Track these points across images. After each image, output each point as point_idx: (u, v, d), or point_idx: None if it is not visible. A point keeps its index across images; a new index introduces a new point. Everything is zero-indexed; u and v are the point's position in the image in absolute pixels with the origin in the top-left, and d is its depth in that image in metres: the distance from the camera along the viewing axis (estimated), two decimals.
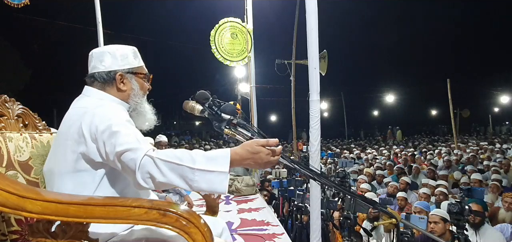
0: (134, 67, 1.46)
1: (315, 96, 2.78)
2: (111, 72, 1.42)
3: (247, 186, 4.79)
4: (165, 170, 1.15)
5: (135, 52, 1.50)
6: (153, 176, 1.16)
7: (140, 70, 1.49)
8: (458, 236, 2.85)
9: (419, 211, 4.30)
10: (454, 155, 10.50)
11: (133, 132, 1.27)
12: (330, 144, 18.29)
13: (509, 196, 4.48)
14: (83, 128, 1.26)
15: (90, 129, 1.25)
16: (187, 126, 31.85)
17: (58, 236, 1.14)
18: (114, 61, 1.43)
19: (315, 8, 2.74)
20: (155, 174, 1.15)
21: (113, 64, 1.43)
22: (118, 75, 1.42)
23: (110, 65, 1.43)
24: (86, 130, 1.25)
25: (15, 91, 12.83)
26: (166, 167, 1.15)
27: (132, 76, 1.45)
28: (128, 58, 1.46)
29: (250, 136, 1.36)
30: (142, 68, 1.50)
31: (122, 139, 1.20)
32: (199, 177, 1.16)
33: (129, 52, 1.47)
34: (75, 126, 1.28)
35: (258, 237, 3.02)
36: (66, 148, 1.29)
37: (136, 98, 1.46)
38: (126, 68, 1.44)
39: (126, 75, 1.44)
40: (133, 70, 1.46)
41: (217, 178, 1.17)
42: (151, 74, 1.56)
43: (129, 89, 1.45)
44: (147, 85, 1.52)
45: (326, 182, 1.51)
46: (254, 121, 6.24)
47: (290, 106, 9.40)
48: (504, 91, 22.46)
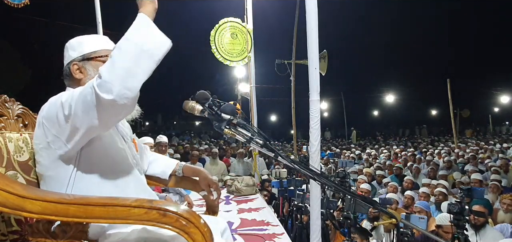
0: (88, 53, 1.39)
1: (315, 96, 2.78)
2: (68, 65, 1.40)
3: (247, 186, 4.79)
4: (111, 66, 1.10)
5: (94, 37, 1.44)
6: (106, 77, 1.08)
7: (97, 54, 1.40)
8: (458, 236, 2.85)
9: (419, 211, 4.31)
10: (454, 154, 10.51)
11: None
12: (330, 144, 18.29)
13: (507, 198, 4.49)
14: (41, 120, 1.26)
15: (44, 116, 1.25)
16: (187, 126, 31.84)
17: (58, 236, 1.14)
18: (71, 52, 1.41)
19: (315, 8, 2.74)
20: (105, 75, 1.08)
21: (71, 55, 1.41)
22: (73, 64, 1.39)
23: (68, 57, 1.41)
24: (41, 118, 1.26)
25: (15, 91, 12.82)
26: (111, 64, 1.10)
27: (86, 62, 1.39)
28: (83, 46, 1.40)
29: (250, 136, 1.36)
30: (100, 52, 1.40)
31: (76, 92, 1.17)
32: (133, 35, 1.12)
33: (85, 39, 1.42)
34: (36, 130, 1.30)
35: (258, 237, 3.02)
36: (36, 153, 1.31)
37: None
38: (80, 56, 1.39)
39: (80, 63, 1.39)
40: (86, 56, 1.39)
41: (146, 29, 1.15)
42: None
43: (85, 76, 1.39)
44: None
45: (326, 182, 1.51)
46: (254, 121, 6.24)
47: (290, 106, 9.40)
48: (504, 91, 22.45)
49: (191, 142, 16.52)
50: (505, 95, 22.42)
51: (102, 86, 1.08)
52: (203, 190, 1.76)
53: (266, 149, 1.37)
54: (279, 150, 1.39)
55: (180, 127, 32.34)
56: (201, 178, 1.75)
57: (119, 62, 1.10)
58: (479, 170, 7.36)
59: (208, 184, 1.73)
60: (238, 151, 9.04)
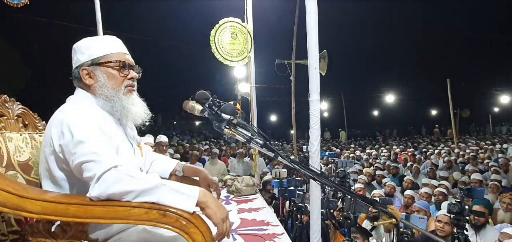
0: (97, 58, 1.36)
1: (315, 96, 2.78)
2: (77, 68, 1.38)
3: (247, 186, 4.78)
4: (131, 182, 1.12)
5: (102, 41, 1.42)
6: (113, 188, 1.11)
7: (106, 59, 1.37)
8: (458, 236, 2.85)
9: (418, 211, 4.31)
10: (454, 154, 10.50)
11: (99, 140, 1.20)
12: (330, 144, 18.29)
13: (507, 197, 4.49)
14: (52, 135, 1.24)
15: (58, 136, 1.23)
16: (187, 126, 31.82)
17: (58, 236, 1.14)
18: (80, 55, 1.38)
19: (315, 8, 2.74)
20: (115, 186, 1.11)
21: (79, 59, 1.38)
22: (82, 69, 1.36)
23: (77, 60, 1.39)
24: (55, 137, 1.24)
25: (15, 91, 12.81)
26: (131, 180, 1.12)
27: (96, 67, 1.36)
28: (90, 49, 1.37)
29: (250, 136, 1.36)
30: (109, 56, 1.37)
31: (84, 149, 1.16)
32: (165, 191, 1.13)
33: (92, 43, 1.40)
34: (48, 131, 1.28)
35: (258, 237, 3.01)
36: (44, 152, 1.29)
37: (104, 90, 1.35)
38: (89, 60, 1.37)
39: (89, 69, 1.36)
40: (96, 61, 1.36)
41: (183, 197, 1.13)
42: (137, 65, 1.45)
43: (95, 81, 1.36)
44: (122, 74, 1.39)
45: (326, 182, 1.51)
46: (254, 121, 6.24)
47: (290, 106, 9.39)
48: (504, 91, 22.44)
49: (191, 142, 16.51)
50: (505, 95, 22.39)
51: (98, 190, 1.11)
52: None
53: (266, 149, 1.37)
54: (279, 150, 1.39)
55: (180, 127, 32.32)
56: (201, 178, 1.75)
57: (131, 188, 1.11)
58: (479, 170, 7.36)
59: (208, 184, 1.73)
60: (238, 151, 9.04)
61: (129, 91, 1.41)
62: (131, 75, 1.42)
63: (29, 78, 16.95)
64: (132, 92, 1.43)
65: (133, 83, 1.43)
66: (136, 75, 1.45)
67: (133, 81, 1.43)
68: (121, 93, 1.38)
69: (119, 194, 1.11)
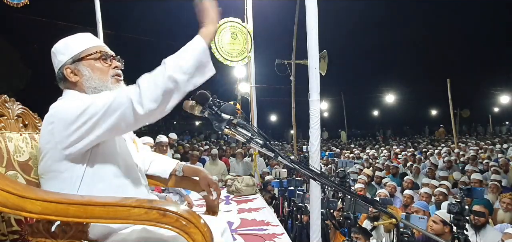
0: (78, 53, 1.37)
1: (315, 96, 2.78)
2: (61, 69, 1.38)
3: (247, 186, 4.79)
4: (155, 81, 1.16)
5: (79, 37, 1.43)
6: (147, 93, 1.15)
7: (87, 53, 1.38)
8: (458, 236, 2.85)
9: (417, 211, 4.31)
10: (454, 154, 10.50)
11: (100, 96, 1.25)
12: (330, 144, 18.29)
13: (506, 197, 4.49)
14: (44, 133, 1.25)
15: (50, 130, 1.23)
16: (187, 126, 31.81)
17: (58, 236, 1.14)
18: (60, 56, 1.39)
19: (315, 8, 2.74)
20: (148, 92, 1.15)
21: (61, 60, 1.39)
22: (65, 69, 1.37)
23: (58, 62, 1.39)
24: (46, 133, 1.24)
25: (15, 91, 12.83)
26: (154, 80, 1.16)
27: (78, 63, 1.37)
28: (70, 48, 1.39)
29: (250, 136, 1.36)
30: (88, 50, 1.39)
31: (92, 109, 1.18)
32: (174, 57, 1.19)
33: (70, 41, 1.41)
34: (43, 129, 1.28)
35: (258, 237, 3.02)
36: (42, 152, 1.29)
37: (91, 82, 1.36)
38: (70, 59, 1.37)
39: (72, 66, 1.37)
40: (76, 57, 1.37)
41: (191, 44, 1.21)
42: (118, 56, 1.46)
43: (80, 77, 1.37)
44: (106, 64, 1.41)
45: (326, 182, 1.51)
46: (254, 121, 6.24)
47: (290, 106, 9.39)
48: (504, 91, 22.44)
49: (191, 142, 16.49)
50: (505, 95, 22.40)
51: (140, 103, 1.14)
52: (203, 190, 1.76)
53: (266, 149, 1.37)
54: (279, 150, 1.39)
55: (180, 127, 32.31)
56: (201, 178, 1.75)
57: (161, 84, 1.15)
58: (479, 170, 7.36)
59: (208, 184, 1.73)
60: (237, 151, 9.04)
61: (117, 81, 1.42)
62: (115, 64, 1.43)
63: (29, 78, 16.95)
64: (119, 81, 1.43)
65: (119, 72, 1.45)
66: (120, 64, 1.46)
67: (118, 71, 1.44)
68: (109, 83, 1.39)
69: (162, 92, 1.15)
